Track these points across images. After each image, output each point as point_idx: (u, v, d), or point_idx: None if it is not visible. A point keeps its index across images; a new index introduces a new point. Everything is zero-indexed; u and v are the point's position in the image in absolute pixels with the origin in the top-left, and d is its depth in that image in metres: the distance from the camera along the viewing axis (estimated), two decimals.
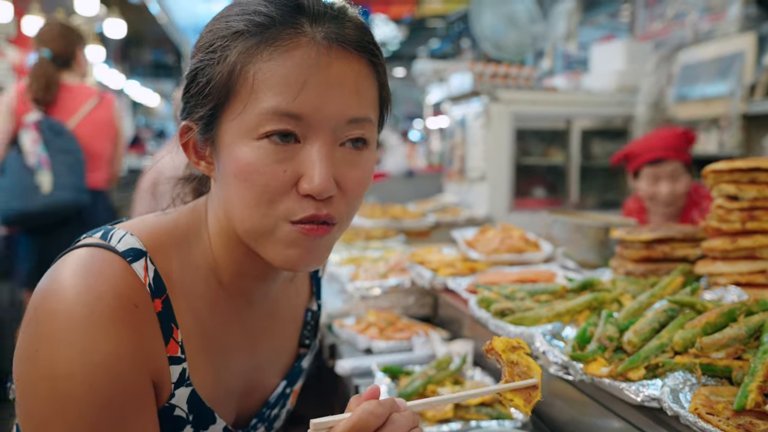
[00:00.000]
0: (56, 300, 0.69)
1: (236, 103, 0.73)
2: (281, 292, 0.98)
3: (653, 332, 1.08)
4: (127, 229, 0.78)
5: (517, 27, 5.63)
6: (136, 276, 0.74)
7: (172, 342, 0.77)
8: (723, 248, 1.33)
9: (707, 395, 0.88)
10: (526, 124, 3.90)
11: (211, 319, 0.84)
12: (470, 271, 1.88)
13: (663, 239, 1.56)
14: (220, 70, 0.74)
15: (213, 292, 0.84)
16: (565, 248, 1.99)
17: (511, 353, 0.85)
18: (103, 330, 0.69)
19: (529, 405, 0.83)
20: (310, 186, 0.72)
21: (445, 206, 3.89)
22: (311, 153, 0.73)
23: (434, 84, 4.57)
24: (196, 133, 0.79)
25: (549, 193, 4.12)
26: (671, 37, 3.71)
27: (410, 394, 1.36)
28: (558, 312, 1.29)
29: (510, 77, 3.87)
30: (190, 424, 0.81)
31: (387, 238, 3.16)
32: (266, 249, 0.77)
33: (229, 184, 0.76)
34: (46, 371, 0.68)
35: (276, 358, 0.99)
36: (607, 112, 3.97)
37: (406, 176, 5.26)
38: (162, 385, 0.77)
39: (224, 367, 0.87)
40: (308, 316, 1.05)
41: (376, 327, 1.91)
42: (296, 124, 0.72)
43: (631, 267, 1.58)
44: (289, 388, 1.03)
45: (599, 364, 1.03)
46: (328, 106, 0.73)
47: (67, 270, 0.71)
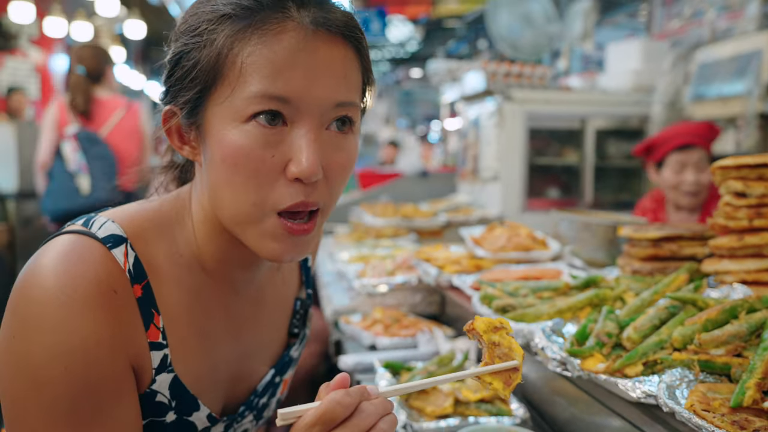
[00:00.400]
0: (34, 284, 0.70)
1: (224, 87, 0.73)
2: (267, 280, 0.97)
3: (653, 329, 1.06)
4: (108, 217, 0.78)
5: (534, 27, 5.59)
6: (115, 261, 0.74)
7: (153, 328, 0.77)
8: (730, 246, 1.30)
9: (704, 392, 0.87)
10: (540, 124, 3.86)
11: (195, 306, 0.84)
12: (476, 269, 1.87)
13: (671, 237, 1.54)
14: (207, 53, 0.73)
15: (197, 279, 0.84)
16: (573, 247, 1.97)
17: (493, 334, 0.83)
18: (80, 314, 0.69)
19: (508, 388, 0.81)
20: (298, 169, 0.73)
21: (458, 206, 3.87)
22: (299, 137, 0.73)
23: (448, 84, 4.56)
24: (181, 118, 0.78)
25: (563, 193, 4.08)
26: (688, 36, 3.65)
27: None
28: (559, 309, 1.28)
29: (524, 76, 3.83)
30: (173, 410, 0.81)
31: (398, 236, 3.16)
32: (251, 238, 0.77)
33: (216, 169, 0.75)
34: (23, 355, 0.69)
35: (264, 346, 0.99)
36: (622, 111, 3.92)
37: (420, 176, 5.25)
38: (142, 371, 0.77)
39: (209, 354, 0.86)
40: (297, 305, 1.05)
41: (382, 324, 1.91)
42: (283, 108, 0.72)
43: (638, 265, 1.56)
44: (279, 377, 1.02)
45: (596, 360, 1.01)
46: (316, 89, 0.73)
47: (47, 256, 0.72)
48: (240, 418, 0.95)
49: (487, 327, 0.83)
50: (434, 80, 4.87)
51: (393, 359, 1.57)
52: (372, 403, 0.68)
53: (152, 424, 0.80)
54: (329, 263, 2.79)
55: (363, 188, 5.90)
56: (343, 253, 2.72)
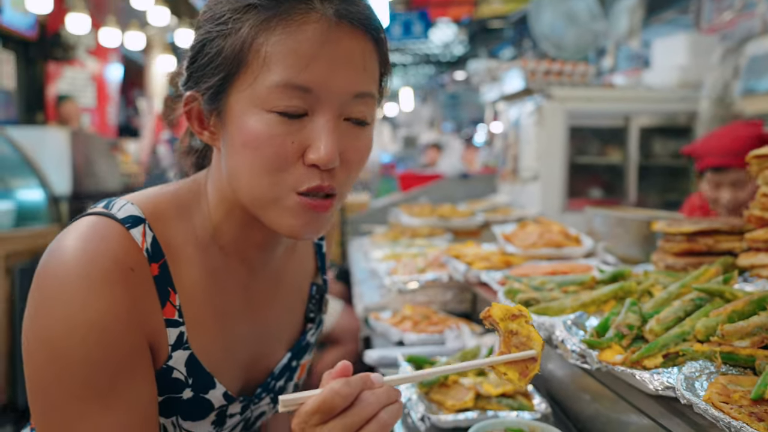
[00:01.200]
0: (56, 263, 0.73)
1: (247, 75, 0.75)
2: (283, 263, 0.99)
3: (677, 321, 1.02)
4: (129, 199, 0.81)
5: (578, 25, 5.47)
6: (133, 241, 0.76)
7: (169, 305, 0.79)
8: (766, 238, 1.25)
9: (725, 384, 0.83)
10: (582, 122, 3.78)
11: (212, 286, 0.86)
12: (505, 265, 1.84)
13: (706, 231, 1.48)
14: (231, 42, 0.75)
15: (214, 259, 0.86)
16: (607, 243, 1.92)
17: (511, 321, 0.81)
18: (98, 290, 0.71)
19: (524, 378, 0.78)
20: (317, 156, 0.75)
21: (496, 206, 3.83)
22: (318, 125, 0.76)
23: (488, 84, 4.52)
24: (202, 103, 0.81)
25: (606, 193, 3.98)
26: (738, 29, 3.51)
27: (431, 383, 1.34)
28: (583, 302, 1.25)
29: (564, 74, 3.76)
30: (189, 387, 0.83)
31: (434, 236, 3.15)
32: (271, 217, 0.80)
33: (236, 153, 0.78)
34: (44, 328, 0.71)
35: (280, 328, 1.00)
36: (668, 108, 3.79)
37: (461, 178, 5.22)
38: (159, 347, 0.79)
39: (226, 332, 0.88)
40: (313, 290, 1.06)
41: (411, 320, 1.91)
42: (305, 97, 0.75)
43: (672, 261, 1.51)
44: (296, 362, 1.03)
45: (614, 352, 0.98)
46: (336, 80, 0.76)
47: (69, 235, 0.75)
48: (257, 400, 0.96)
49: (505, 314, 0.81)
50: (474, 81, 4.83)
51: (419, 354, 1.56)
52: (374, 393, 0.68)
53: (169, 400, 0.82)
54: (363, 261, 2.80)
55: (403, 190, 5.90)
56: (376, 251, 2.72)
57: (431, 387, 1.34)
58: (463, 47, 12.20)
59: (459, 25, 10.40)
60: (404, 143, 10.87)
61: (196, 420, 0.85)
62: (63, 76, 7.58)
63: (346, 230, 4.81)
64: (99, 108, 8.50)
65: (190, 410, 0.84)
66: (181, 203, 0.86)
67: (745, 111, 3.24)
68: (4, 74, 6.68)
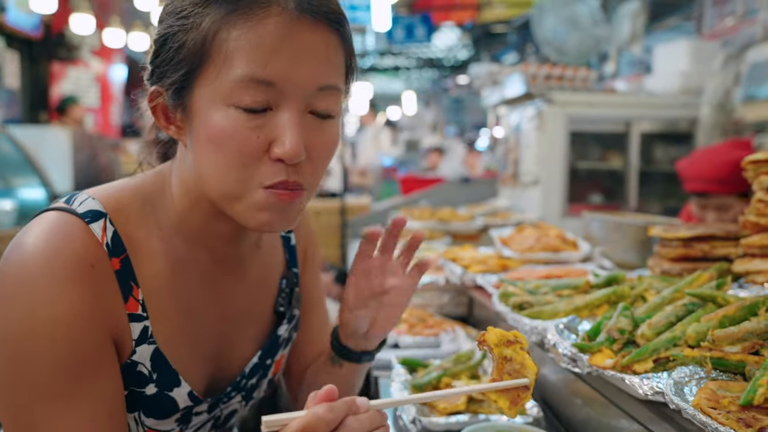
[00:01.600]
0: (16, 260, 0.72)
1: (210, 70, 0.75)
2: (249, 255, 0.97)
3: (669, 326, 1.02)
4: (90, 194, 0.80)
5: (580, 30, 5.48)
6: (93, 236, 0.76)
7: (132, 300, 0.79)
8: (761, 244, 1.24)
9: (714, 390, 0.82)
10: (582, 127, 3.78)
11: (177, 279, 0.85)
12: (502, 269, 1.84)
13: (702, 237, 1.47)
14: (193, 36, 0.75)
15: (178, 251, 0.85)
16: (604, 248, 1.92)
17: (505, 347, 0.79)
18: (58, 287, 0.71)
19: (514, 407, 0.77)
20: (282, 151, 0.75)
21: (496, 210, 3.82)
22: (283, 119, 0.75)
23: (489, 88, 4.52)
24: (167, 98, 0.79)
25: (606, 198, 3.98)
26: (740, 36, 3.50)
27: (424, 385, 1.34)
28: (576, 306, 1.24)
29: (565, 79, 3.75)
30: (154, 382, 0.82)
31: (433, 239, 3.14)
32: (239, 212, 0.79)
33: (201, 148, 0.77)
34: (5, 327, 0.71)
35: (248, 322, 0.98)
36: (669, 114, 3.79)
37: (462, 182, 5.22)
38: (122, 342, 0.78)
39: (190, 325, 0.87)
40: (283, 283, 1.05)
41: (406, 323, 1.90)
42: (268, 91, 0.74)
43: (668, 266, 1.50)
44: (269, 359, 1.02)
45: (605, 356, 0.98)
46: (300, 73, 0.75)
47: (29, 233, 0.74)
48: (226, 399, 0.95)
49: (499, 340, 0.80)
50: (476, 84, 4.83)
51: (414, 357, 1.56)
52: (358, 419, 0.68)
53: (133, 394, 0.81)
54: None
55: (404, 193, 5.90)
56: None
57: (424, 390, 1.34)
58: (467, 51, 12.20)
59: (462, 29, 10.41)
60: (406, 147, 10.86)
61: (160, 418, 0.84)
62: (67, 76, 7.61)
63: (346, 233, 4.81)
64: (102, 108, 8.53)
65: (153, 407, 0.83)
66: (144, 196, 0.85)
67: (746, 118, 3.23)
68: (8, 74, 6.71)
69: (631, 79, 4.45)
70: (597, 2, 5.56)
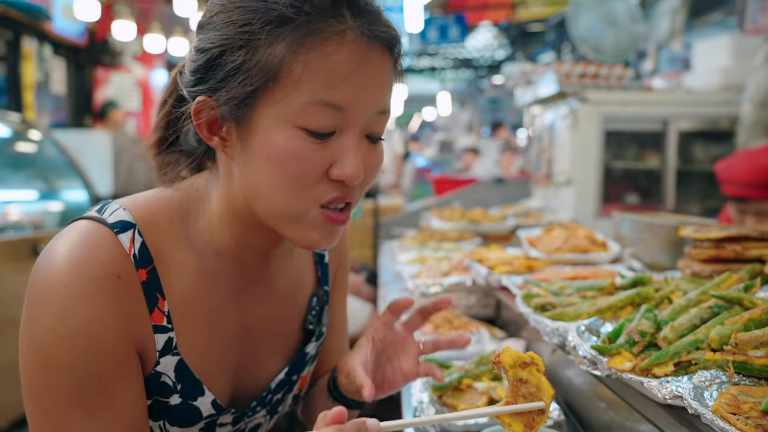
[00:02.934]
0: (45, 270, 0.73)
1: (278, 90, 0.74)
2: (279, 270, 0.97)
3: (692, 329, 0.99)
4: (121, 204, 0.81)
5: (617, 27, 5.36)
6: (120, 246, 0.76)
7: (157, 311, 0.79)
8: None
9: (735, 395, 0.80)
10: (618, 126, 3.70)
11: (204, 291, 0.85)
12: (528, 270, 1.81)
13: (735, 237, 1.43)
14: (265, 55, 0.73)
15: (207, 265, 0.85)
16: (634, 249, 1.87)
17: (521, 369, 0.78)
18: (84, 298, 0.72)
19: (529, 431, 0.75)
20: (343, 173, 0.76)
21: (529, 211, 3.77)
22: (346, 143, 0.77)
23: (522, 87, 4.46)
24: (219, 111, 0.77)
25: (643, 199, 3.88)
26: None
27: (444, 387, 1.33)
28: (599, 308, 1.22)
29: (600, 77, 3.68)
30: (178, 393, 0.82)
31: (463, 240, 3.12)
32: (291, 230, 0.80)
33: (258, 166, 0.76)
34: (34, 335, 0.72)
35: (275, 338, 0.98)
36: (709, 112, 3.67)
37: (495, 182, 5.17)
38: (147, 353, 0.79)
39: (216, 337, 0.87)
40: (313, 301, 1.04)
41: (432, 324, 1.89)
42: (336, 116, 0.75)
43: (699, 267, 1.46)
44: (296, 375, 1.01)
45: (624, 359, 0.95)
46: (366, 99, 0.77)
47: (60, 241, 0.75)
48: (251, 413, 0.95)
49: (515, 362, 0.78)
50: (509, 84, 4.78)
51: (436, 358, 1.55)
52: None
53: (157, 403, 0.82)
54: (390, 264, 2.80)
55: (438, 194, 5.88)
56: (403, 254, 2.72)
57: (444, 390, 1.33)
58: (503, 51, 12.07)
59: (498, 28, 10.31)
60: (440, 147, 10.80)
61: (184, 426, 0.84)
62: (110, 82, 7.84)
63: (379, 234, 4.82)
64: (144, 112, 8.75)
65: (178, 416, 0.83)
66: (175, 208, 0.85)
67: None
68: (55, 80, 6.95)
69: (670, 76, 4.33)
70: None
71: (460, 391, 1.33)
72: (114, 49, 7.69)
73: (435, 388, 1.33)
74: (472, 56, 12.90)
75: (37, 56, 6.44)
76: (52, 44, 6.77)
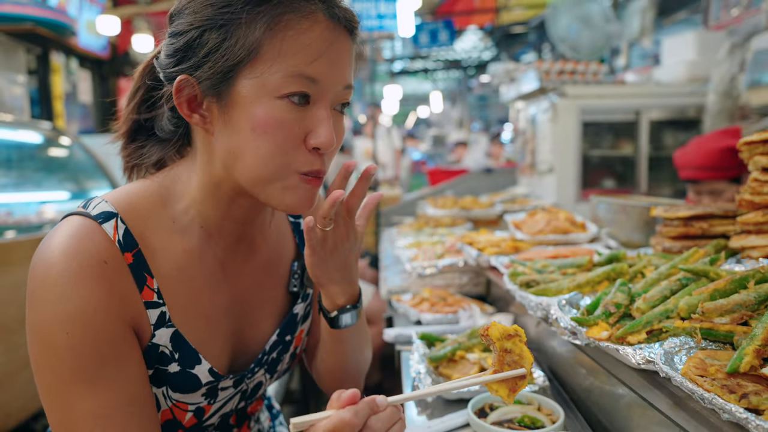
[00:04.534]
0: (40, 263, 0.74)
1: (259, 64, 0.74)
2: (259, 241, 0.97)
3: (663, 300, 0.98)
4: (103, 198, 0.81)
5: (592, 27, 5.30)
6: (105, 235, 0.76)
7: (147, 289, 0.79)
8: (756, 221, 1.18)
9: (703, 358, 0.79)
10: (594, 118, 3.67)
11: (190, 266, 0.85)
12: (514, 251, 1.81)
13: (701, 216, 1.41)
14: (245, 32, 0.74)
15: (191, 241, 0.85)
16: (610, 229, 1.86)
17: (506, 341, 0.79)
18: (76, 285, 0.72)
19: (513, 394, 0.77)
20: (318, 141, 0.78)
21: (515, 197, 3.76)
22: (319, 113, 0.78)
23: (506, 85, 4.43)
24: (198, 87, 0.77)
25: (618, 183, 3.86)
26: (744, 25, 3.33)
27: (439, 358, 1.33)
28: (579, 283, 1.21)
29: (577, 73, 3.65)
30: (176, 361, 0.82)
31: (456, 226, 3.11)
32: (272, 194, 0.80)
33: (241, 136, 0.76)
34: (35, 323, 0.72)
35: (263, 302, 0.98)
36: (677, 102, 3.65)
37: (485, 172, 5.15)
38: (141, 328, 0.79)
39: (207, 306, 0.87)
40: (294, 266, 1.04)
41: (429, 302, 1.89)
42: (311, 87, 0.76)
43: (669, 244, 1.45)
44: (289, 336, 1.01)
45: (601, 329, 0.95)
46: (335, 74, 0.78)
47: (51, 238, 0.76)
48: (250, 374, 0.95)
49: (501, 334, 0.79)
50: (494, 82, 4.74)
51: (431, 333, 1.55)
52: (379, 418, 0.68)
53: (158, 372, 0.82)
54: (390, 249, 2.79)
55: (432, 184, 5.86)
56: (401, 240, 2.71)
57: (440, 362, 1.33)
58: (489, 52, 11.99)
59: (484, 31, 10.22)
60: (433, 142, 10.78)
61: (186, 393, 0.84)
62: None
63: (379, 222, 4.81)
64: None
65: (178, 383, 0.83)
66: (155, 194, 0.85)
67: (751, 102, 3.09)
68: (82, 90, 6.91)
69: (641, 71, 4.29)
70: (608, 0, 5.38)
71: (454, 362, 1.32)
72: (134, 60, 7.65)
73: (431, 359, 1.33)
74: (460, 57, 12.81)
75: (65, 69, 6.41)
76: (78, 58, 6.74)
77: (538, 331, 1.48)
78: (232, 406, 0.96)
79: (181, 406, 0.86)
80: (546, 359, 1.38)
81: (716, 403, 0.68)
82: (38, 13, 5.19)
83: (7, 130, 3.44)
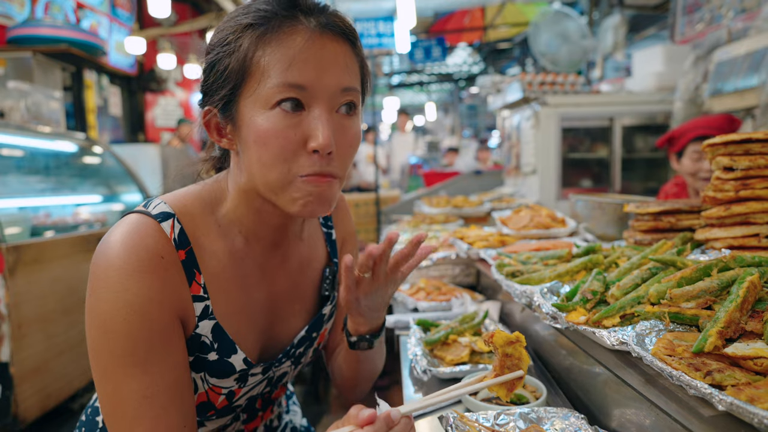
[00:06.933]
0: (103, 255, 0.73)
1: (251, 83, 0.74)
2: (293, 248, 0.96)
3: (635, 287, 0.97)
4: (162, 199, 0.81)
5: (570, 43, 5.29)
6: (163, 233, 0.76)
7: (195, 284, 0.79)
8: (718, 215, 1.18)
9: (671, 340, 0.78)
10: (572, 124, 3.66)
11: (232, 265, 0.85)
12: (501, 244, 1.80)
13: (670, 211, 1.41)
14: (236, 57, 0.74)
15: (234, 243, 0.85)
16: (587, 224, 1.85)
17: (508, 346, 0.80)
18: (134, 276, 0.72)
19: (510, 393, 0.78)
20: (316, 143, 0.74)
21: (502, 196, 3.75)
22: (314, 117, 0.75)
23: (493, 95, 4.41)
24: (217, 114, 0.79)
25: (595, 183, 3.85)
26: (707, 39, 3.32)
27: (434, 341, 1.32)
28: (559, 273, 1.20)
29: (557, 84, 3.64)
30: (215, 350, 0.82)
31: (448, 222, 3.10)
32: (282, 199, 0.78)
33: (250, 150, 0.76)
34: (95, 309, 0.72)
35: (294, 301, 0.97)
36: (647, 109, 3.63)
37: (475, 174, 5.13)
38: (188, 319, 0.79)
39: (245, 302, 0.87)
40: (326, 272, 1.03)
41: (424, 291, 1.88)
42: (301, 94, 0.74)
43: (640, 237, 1.44)
44: (315, 333, 1.01)
45: (579, 314, 0.94)
46: (325, 78, 0.75)
47: (114, 232, 0.75)
48: (278, 364, 0.95)
49: (504, 341, 0.80)
50: (482, 93, 4.73)
51: (427, 318, 1.54)
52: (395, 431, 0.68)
53: (198, 359, 0.82)
54: None
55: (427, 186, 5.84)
56: (400, 236, 2.70)
57: (435, 345, 1.32)
58: (478, 66, 11.97)
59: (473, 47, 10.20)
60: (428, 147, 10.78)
61: (221, 378, 0.84)
62: (158, 104, 7.80)
63: (380, 219, 4.80)
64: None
65: (215, 369, 0.83)
66: (205, 199, 0.85)
67: (713, 109, 3.07)
68: (112, 104, 6.91)
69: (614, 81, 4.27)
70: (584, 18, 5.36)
71: (447, 345, 1.32)
72: (159, 77, 7.65)
73: (426, 342, 1.32)
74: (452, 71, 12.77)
75: (97, 85, 6.40)
76: (109, 75, 6.73)
77: (522, 316, 1.47)
78: (258, 390, 0.96)
79: (216, 390, 0.86)
80: (530, 342, 1.38)
81: (683, 380, 0.67)
82: (73, 35, 5.18)
83: (45, 141, 3.44)
